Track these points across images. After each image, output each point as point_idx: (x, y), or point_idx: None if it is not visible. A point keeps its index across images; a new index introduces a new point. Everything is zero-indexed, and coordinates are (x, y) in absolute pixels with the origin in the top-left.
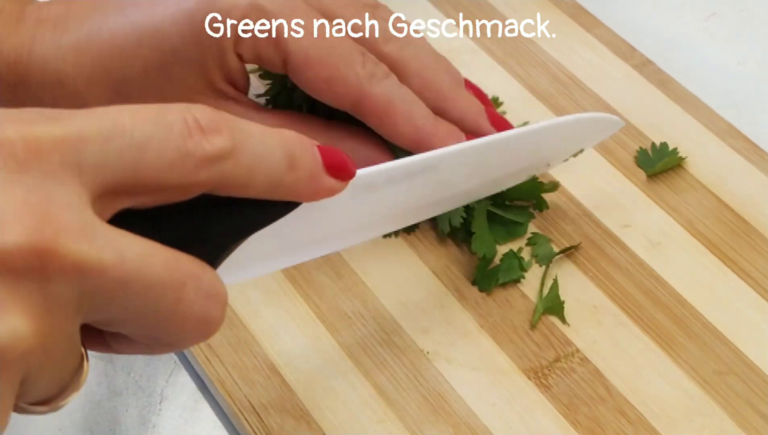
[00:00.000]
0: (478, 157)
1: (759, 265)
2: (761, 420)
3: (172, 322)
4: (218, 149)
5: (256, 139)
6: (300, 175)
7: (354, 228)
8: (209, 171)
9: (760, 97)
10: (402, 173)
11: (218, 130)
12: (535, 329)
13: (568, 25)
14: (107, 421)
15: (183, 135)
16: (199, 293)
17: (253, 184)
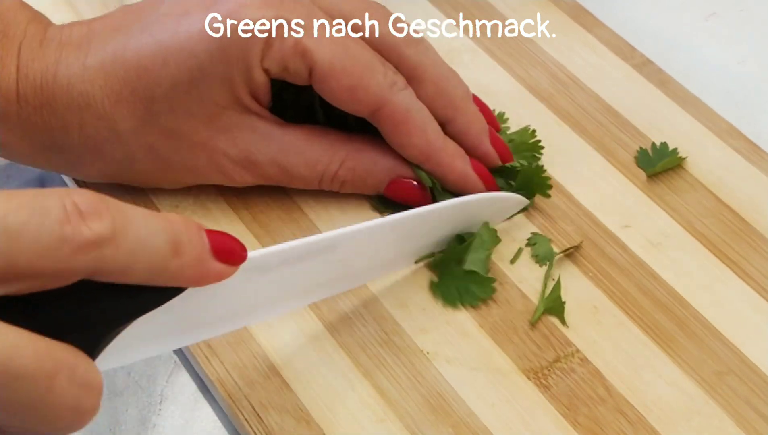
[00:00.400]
0: (378, 237)
1: (759, 265)
2: (761, 420)
3: (42, 412)
4: (97, 235)
5: (138, 223)
6: (185, 261)
7: (248, 309)
8: (87, 257)
9: (760, 97)
10: (297, 254)
11: (98, 215)
12: (535, 329)
13: (568, 25)
14: (107, 421)
15: (60, 220)
16: (72, 383)
17: (134, 270)
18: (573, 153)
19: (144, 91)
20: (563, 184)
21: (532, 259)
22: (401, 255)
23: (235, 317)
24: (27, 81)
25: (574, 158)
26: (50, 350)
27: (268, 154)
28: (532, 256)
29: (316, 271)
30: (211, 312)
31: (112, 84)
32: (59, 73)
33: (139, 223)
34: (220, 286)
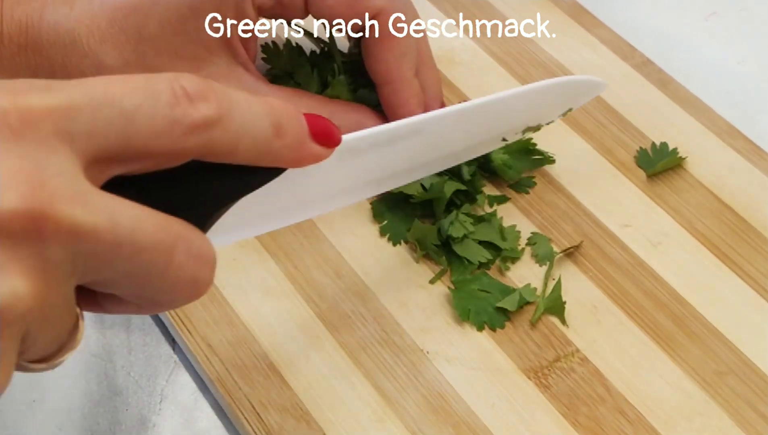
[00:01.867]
0: (463, 121)
1: (759, 265)
2: (761, 420)
3: (163, 283)
4: (205, 117)
5: (242, 107)
6: (286, 143)
7: (340, 191)
8: (197, 138)
9: (760, 97)
10: (387, 138)
11: (205, 98)
12: (535, 329)
13: (568, 25)
14: (107, 421)
15: (171, 103)
16: (189, 255)
17: (240, 150)
18: (573, 153)
19: (132, 30)
20: (563, 184)
21: (532, 258)
22: (486, 138)
23: (331, 199)
24: (12, 21)
25: (574, 158)
26: (169, 224)
27: None
28: (532, 255)
29: (405, 155)
30: (309, 193)
31: (98, 23)
32: (46, 14)
33: (243, 106)
34: (316, 168)
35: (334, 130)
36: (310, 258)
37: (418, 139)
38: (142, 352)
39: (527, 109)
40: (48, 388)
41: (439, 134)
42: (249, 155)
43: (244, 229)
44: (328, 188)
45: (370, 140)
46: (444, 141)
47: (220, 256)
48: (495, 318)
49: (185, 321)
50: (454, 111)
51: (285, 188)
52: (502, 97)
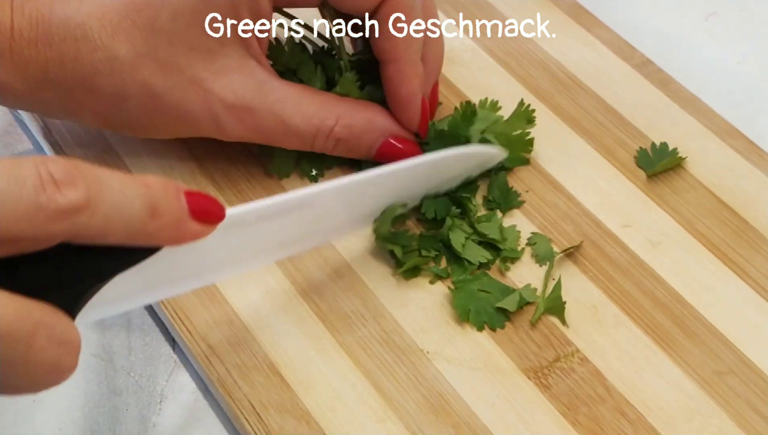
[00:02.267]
0: (355, 193)
1: (759, 265)
2: (761, 420)
3: (21, 370)
4: (72, 202)
5: (114, 189)
6: (163, 223)
7: (226, 263)
8: (63, 223)
9: (760, 97)
10: (275, 211)
11: (73, 183)
12: (535, 329)
13: (568, 25)
14: (107, 421)
15: (36, 188)
16: (51, 341)
17: (111, 233)
18: (573, 153)
19: (144, 23)
20: (563, 184)
21: (532, 258)
22: (377, 211)
23: (211, 272)
24: (23, 16)
25: (574, 158)
26: (30, 310)
27: (265, 103)
28: (532, 256)
29: (292, 227)
30: (187, 267)
31: (110, 17)
32: (56, 8)
33: (114, 188)
34: (197, 243)
35: (216, 208)
36: (310, 258)
37: (308, 211)
38: (142, 352)
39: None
40: None
41: (329, 206)
42: (121, 238)
43: (120, 303)
44: (212, 260)
45: (257, 214)
46: (336, 212)
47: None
48: (495, 318)
49: (185, 321)
50: (342, 184)
51: (165, 262)
52: (391, 171)
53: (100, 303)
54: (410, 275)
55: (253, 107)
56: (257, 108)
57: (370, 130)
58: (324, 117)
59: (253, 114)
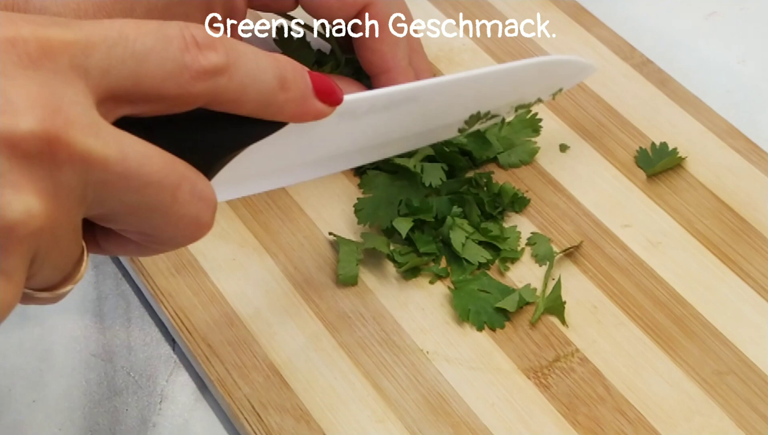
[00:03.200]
0: (456, 91)
1: (759, 265)
2: (761, 420)
3: (166, 219)
4: (213, 64)
5: (249, 58)
6: (290, 96)
7: (337, 154)
8: (204, 84)
9: (760, 97)
10: (384, 102)
11: (213, 47)
12: (535, 329)
13: (568, 24)
14: (107, 421)
15: (181, 48)
16: (193, 195)
17: (245, 101)
18: (573, 153)
19: (119, 16)
20: (563, 184)
21: (532, 258)
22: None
23: (327, 162)
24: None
25: (574, 158)
26: (175, 163)
27: None
28: (532, 255)
29: (400, 122)
30: (306, 153)
31: (86, 8)
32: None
33: (249, 57)
34: (316, 127)
35: (336, 89)
36: (310, 258)
37: (413, 106)
38: (142, 352)
39: (518, 85)
40: (48, 388)
41: (433, 103)
42: (253, 106)
43: (243, 184)
44: (325, 149)
45: (369, 103)
46: (438, 110)
47: (220, 256)
48: (495, 318)
49: (185, 321)
50: (448, 80)
51: (284, 145)
52: (496, 70)
53: (230, 179)
54: (410, 275)
55: None
56: None
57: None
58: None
59: None
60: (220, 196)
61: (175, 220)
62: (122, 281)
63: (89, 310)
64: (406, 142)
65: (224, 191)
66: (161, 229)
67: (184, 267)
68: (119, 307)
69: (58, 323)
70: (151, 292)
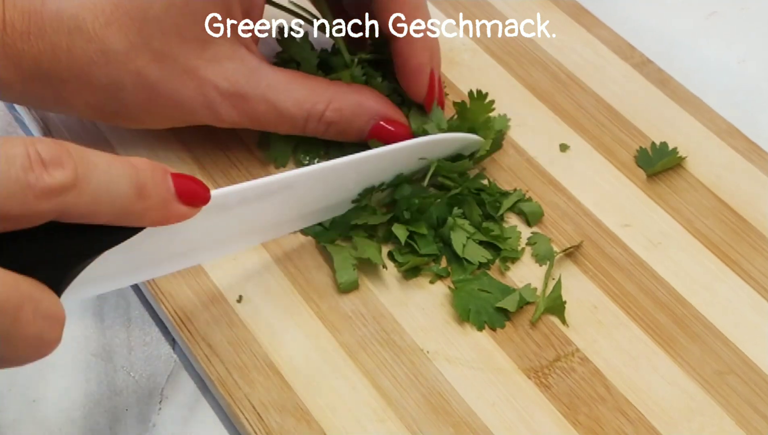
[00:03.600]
0: (336, 176)
1: (759, 265)
2: (761, 420)
3: (8, 342)
4: (59, 182)
5: (101, 170)
6: (150, 204)
7: (208, 245)
8: (50, 202)
9: (760, 97)
10: (256, 193)
11: (60, 163)
12: (536, 329)
13: (568, 24)
14: (107, 421)
15: (24, 168)
16: (36, 315)
17: (99, 213)
18: (573, 153)
19: (137, 13)
20: (563, 184)
21: (533, 258)
22: (354, 195)
23: (194, 253)
24: (15, 8)
25: (574, 158)
26: (17, 284)
27: (258, 88)
28: (533, 255)
29: (274, 210)
30: (172, 248)
31: (103, 7)
32: (48, 0)
33: (101, 169)
34: (182, 224)
35: (201, 190)
36: (310, 258)
37: (289, 193)
38: (142, 352)
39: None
40: (48, 388)
41: (311, 189)
42: (109, 217)
43: (104, 282)
44: (195, 241)
45: (239, 196)
46: (317, 195)
47: (221, 256)
48: (495, 318)
49: (185, 321)
50: (323, 168)
51: (148, 242)
52: (377, 154)
53: (87, 281)
54: (410, 275)
55: (245, 93)
56: (250, 94)
57: (360, 113)
58: (315, 101)
59: (246, 100)
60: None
61: (17, 342)
62: None
63: (89, 310)
64: (289, 224)
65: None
66: (2, 350)
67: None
68: (119, 307)
69: None
70: (151, 292)
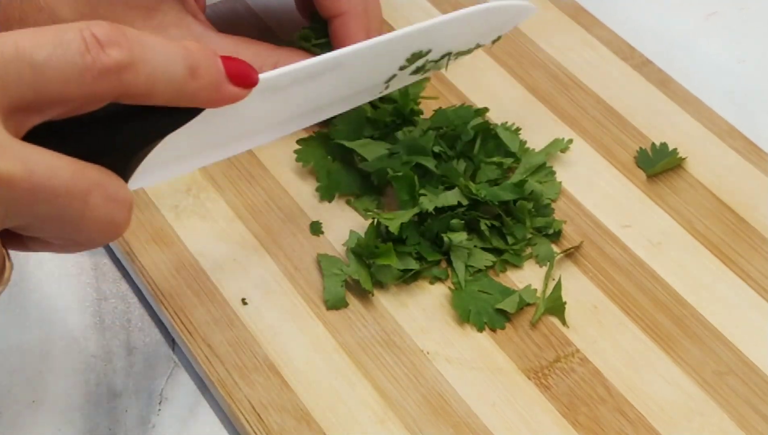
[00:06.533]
0: (384, 53)
1: (759, 265)
2: (761, 420)
3: (80, 225)
4: (116, 61)
5: (156, 50)
6: (203, 84)
7: (263, 127)
8: (109, 82)
9: (760, 97)
10: (307, 73)
11: (116, 44)
12: (536, 329)
13: (568, 25)
14: (107, 422)
15: (81, 51)
16: (105, 198)
17: (155, 92)
18: (573, 153)
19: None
20: (563, 185)
21: (533, 259)
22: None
23: (251, 136)
24: None
25: (574, 158)
26: (84, 170)
27: None
28: (533, 255)
29: (328, 88)
30: (233, 129)
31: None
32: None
33: (156, 49)
34: (237, 106)
35: (250, 71)
36: (310, 258)
37: (339, 72)
38: (141, 352)
39: (451, 38)
40: (48, 388)
41: (360, 67)
42: (165, 97)
43: (172, 166)
44: (252, 124)
45: (291, 77)
46: (366, 73)
47: (220, 256)
48: (495, 319)
49: (185, 321)
50: (373, 44)
51: (208, 126)
52: (424, 27)
53: (151, 167)
54: (411, 279)
55: None
56: None
57: None
58: (261, 64)
59: None
60: (152, 180)
61: (88, 225)
62: (122, 282)
63: (89, 311)
64: (340, 104)
65: (154, 176)
66: (76, 233)
67: (184, 267)
68: (119, 308)
69: (58, 324)
70: (151, 292)
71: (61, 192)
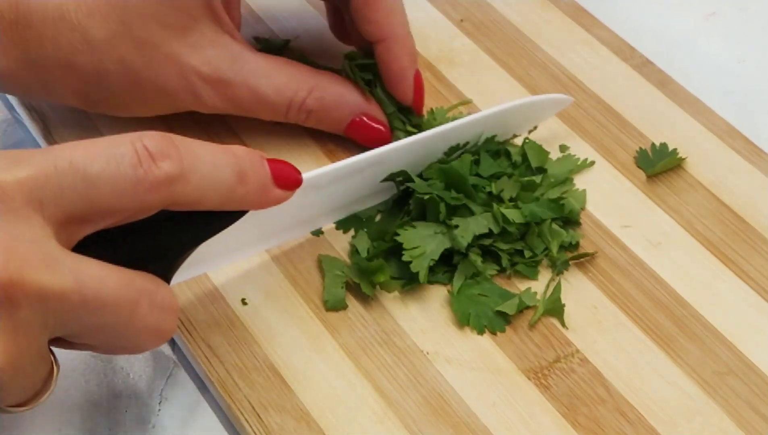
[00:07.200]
0: (424, 149)
1: (759, 265)
2: (761, 420)
3: (127, 333)
4: (167, 174)
5: (205, 159)
6: (250, 189)
7: (302, 222)
8: (160, 193)
9: (760, 97)
10: (348, 171)
11: (168, 156)
12: (535, 329)
13: (568, 25)
14: (107, 422)
15: (133, 164)
16: (152, 307)
17: (205, 200)
18: (573, 153)
19: (117, 2)
20: None
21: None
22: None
23: (293, 229)
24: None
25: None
26: (132, 280)
27: (239, 74)
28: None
29: (367, 183)
30: (270, 226)
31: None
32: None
33: (206, 158)
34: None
35: (295, 174)
36: (310, 258)
37: (379, 168)
38: None
39: (491, 130)
40: None
41: (399, 163)
42: (214, 203)
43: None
44: (289, 220)
45: (331, 176)
46: (404, 167)
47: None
48: (495, 322)
49: (185, 322)
50: (413, 141)
51: (246, 225)
52: (467, 122)
53: (188, 265)
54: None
55: (228, 79)
56: (232, 79)
57: (341, 105)
58: (296, 88)
59: (228, 85)
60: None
61: (135, 333)
62: None
63: None
64: (378, 195)
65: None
66: (123, 341)
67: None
68: None
69: None
70: None
71: (110, 302)
